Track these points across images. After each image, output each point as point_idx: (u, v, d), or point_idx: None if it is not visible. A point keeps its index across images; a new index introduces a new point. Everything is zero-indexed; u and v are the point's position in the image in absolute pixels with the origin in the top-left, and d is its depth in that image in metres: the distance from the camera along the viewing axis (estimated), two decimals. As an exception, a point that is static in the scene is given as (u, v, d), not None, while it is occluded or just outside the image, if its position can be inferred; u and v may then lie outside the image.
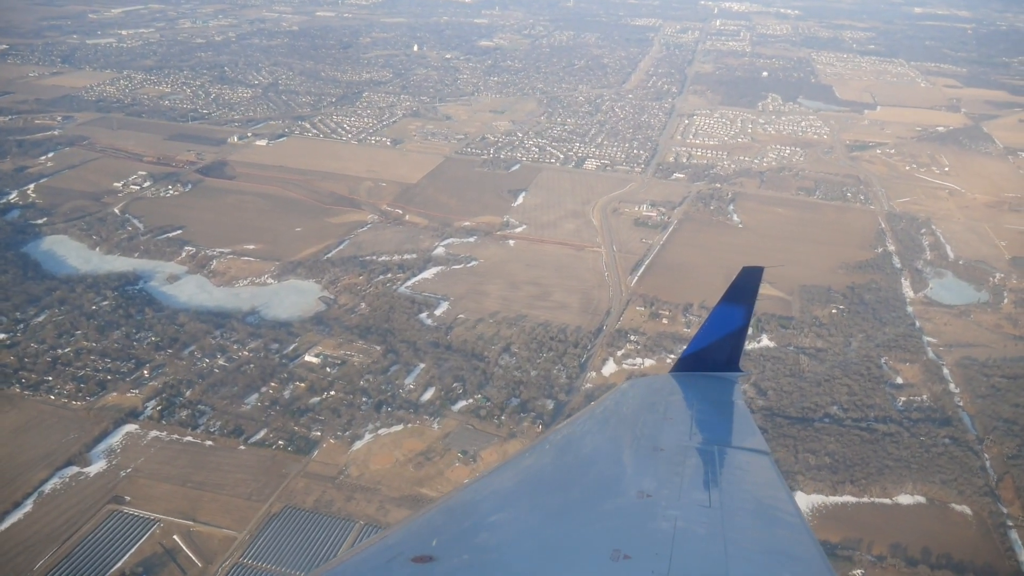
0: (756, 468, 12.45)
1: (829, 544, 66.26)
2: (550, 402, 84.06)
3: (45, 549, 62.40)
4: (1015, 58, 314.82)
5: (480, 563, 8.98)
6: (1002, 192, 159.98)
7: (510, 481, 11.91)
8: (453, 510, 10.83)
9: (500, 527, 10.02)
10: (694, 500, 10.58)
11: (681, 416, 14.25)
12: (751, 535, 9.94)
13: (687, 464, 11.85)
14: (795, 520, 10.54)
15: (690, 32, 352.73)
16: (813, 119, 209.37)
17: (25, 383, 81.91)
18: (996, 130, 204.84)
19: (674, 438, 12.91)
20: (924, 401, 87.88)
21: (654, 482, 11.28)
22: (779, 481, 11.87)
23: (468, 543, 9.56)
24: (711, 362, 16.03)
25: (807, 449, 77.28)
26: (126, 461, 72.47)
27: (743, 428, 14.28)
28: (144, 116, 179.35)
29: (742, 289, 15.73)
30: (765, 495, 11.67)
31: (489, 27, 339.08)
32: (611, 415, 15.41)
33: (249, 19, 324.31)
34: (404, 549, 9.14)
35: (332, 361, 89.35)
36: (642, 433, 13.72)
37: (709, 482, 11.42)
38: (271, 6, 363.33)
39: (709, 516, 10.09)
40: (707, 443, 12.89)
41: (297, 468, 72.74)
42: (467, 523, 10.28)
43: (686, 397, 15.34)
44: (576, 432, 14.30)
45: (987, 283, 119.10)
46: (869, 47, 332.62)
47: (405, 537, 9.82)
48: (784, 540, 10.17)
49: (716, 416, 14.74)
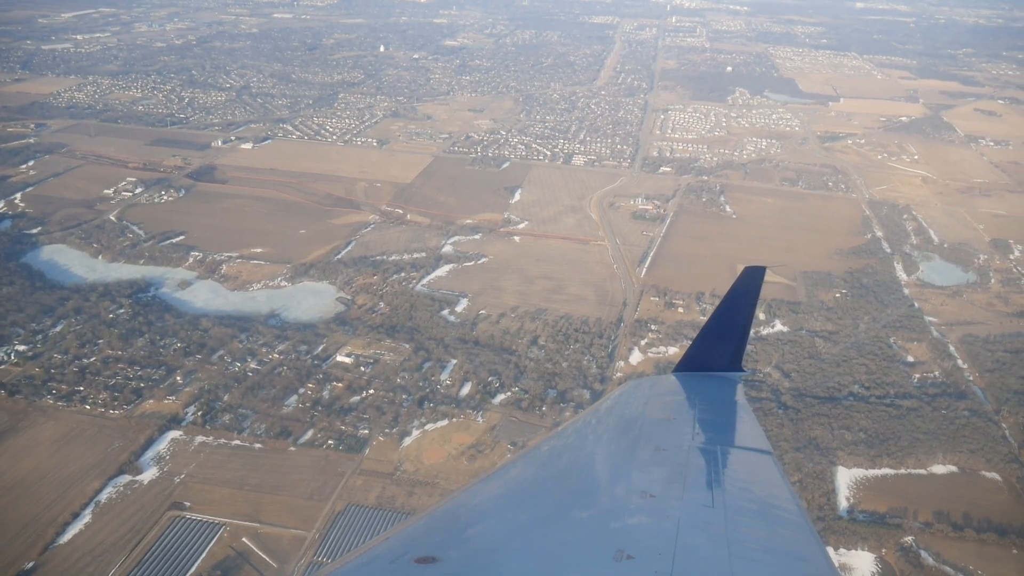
0: (759, 468, 12.41)
1: (877, 514, 69.39)
2: (586, 392, 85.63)
3: (114, 558, 61.67)
4: (959, 50, 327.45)
5: (483, 564, 8.95)
6: (971, 178, 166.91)
7: (513, 482, 11.92)
8: (456, 511, 10.81)
9: (503, 527, 9.98)
10: (697, 500, 10.49)
11: (684, 416, 14.26)
12: (754, 535, 9.85)
13: (690, 464, 11.82)
14: (798, 519, 10.49)
15: (648, 29, 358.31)
16: (782, 112, 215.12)
17: (56, 394, 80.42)
18: (955, 119, 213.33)
19: (677, 438, 12.92)
20: (937, 377, 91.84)
21: (657, 482, 11.24)
22: (782, 481, 11.84)
23: (471, 544, 9.57)
24: (714, 362, 16.10)
25: (841, 426, 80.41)
26: (178, 467, 71.81)
27: (746, 428, 14.38)
28: (120, 122, 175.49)
29: (744, 289, 15.77)
30: (768, 495, 11.55)
31: (450, 27, 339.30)
32: (614, 415, 15.24)
33: (206, 22, 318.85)
34: (407, 550, 9.11)
35: (364, 360, 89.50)
36: (645, 433, 13.64)
37: (712, 482, 11.34)
38: (225, 9, 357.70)
39: (712, 516, 10.04)
40: (710, 443, 12.89)
41: (352, 466, 72.96)
42: (470, 524, 10.28)
43: (689, 397, 15.36)
44: (579, 432, 14.37)
45: (973, 264, 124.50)
46: (821, 41, 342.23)
47: (408, 538, 9.77)
48: (787, 539, 10.11)
49: (719, 416, 14.69)
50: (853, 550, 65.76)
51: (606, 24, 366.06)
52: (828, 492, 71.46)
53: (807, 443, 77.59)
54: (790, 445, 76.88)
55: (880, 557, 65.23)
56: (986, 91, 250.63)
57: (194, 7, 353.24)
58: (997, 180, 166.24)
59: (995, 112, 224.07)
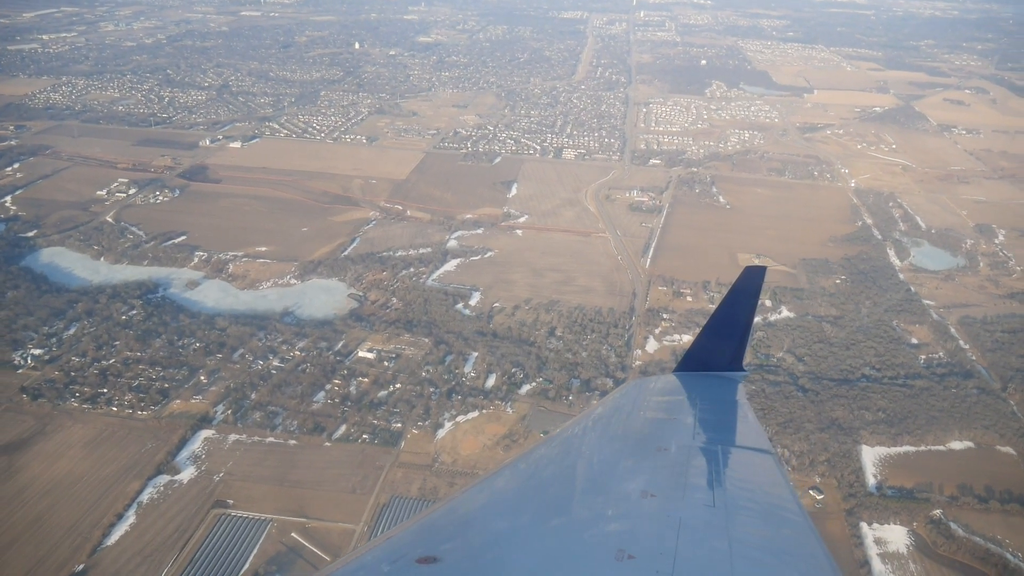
0: (760, 467, 12.39)
1: (905, 489, 71.80)
2: (609, 380, 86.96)
3: (164, 558, 61.43)
4: (921, 41, 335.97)
5: (484, 564, 8.96)
6: (948, 166, 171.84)
7: (514, 482, 11.93)
8: (457, 511, 10.81)
9: (504, 528, 9.96)
10: (698, 500, 10.49)
11: (685, 416, 14.23)
12: (755, 534, 9.90)
13: (691, 464, 11.81)
14: (799, 519, 10.46)
15: (618, 24, 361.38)
16: (760, 104, 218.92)
17: (80, 397, 79.45)
18: (926, 109, 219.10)
19: (678, 438, 12.91)
20: (942, 358, 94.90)
21: (658, 482, 11.23)
22: (783, 480, 11.82)
23: (472, 544, 9.55)
24: (715, 361, 15.97)
25: (860, 407, 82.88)
26: (215, 466, 71.57)
27: (747, 427, 14.19)
28: (102, 122, 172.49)
29: (745, 288, 15.69)
30: (769, 494, 11.56)
31: (422, 23, 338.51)
32: (615, 415, 15.20)
33: (174, 20, 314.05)
34: (408, 550, 9.10)
35: (386, 355, 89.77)
36: (646, 433, 13.65)
37: (713, 482, 11.34)
38: (191, 7, 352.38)
39: (713, 516, 10.03)
40: (711, 443, 12.83)
41: (389, 460, 73.37)
42: (471, 524, 10.27)
43: (689, 397, 15.26)
44: (580, 432, 14.33)
45: (961, 249, 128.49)
46: (788, 34, 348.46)
47: (409, 538, 9.77)
48: (788, 539, 10.12)
49: (720, 416, 14.54)
50: (886, 524, 68.01)
51: (576, 19, 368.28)
52: (856, 470, 73.68)
53: (830, 424, 79.83)
54: (814, 426, 79.02)
55: (912, 530, 67.58)
56: (952, 81, 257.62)
57: (159, 5, 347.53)
58: (973, 167, 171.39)
59: (963, 102, 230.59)
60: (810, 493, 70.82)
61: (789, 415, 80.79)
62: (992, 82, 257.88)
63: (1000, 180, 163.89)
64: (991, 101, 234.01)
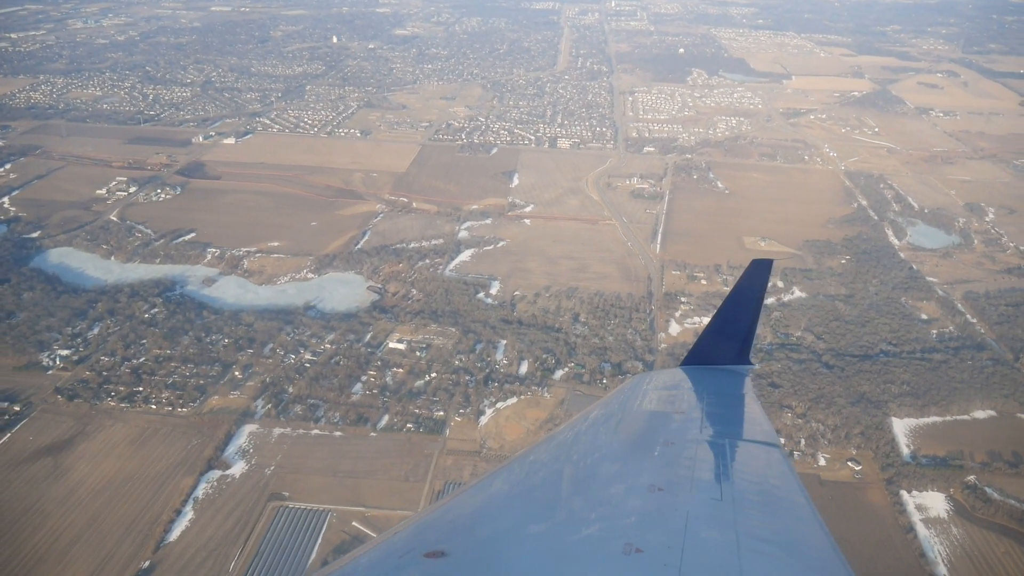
0: (767, 461, 12.44)
1: (938, 457, 74.44)
2: (639, 364, 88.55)
3: (229, 551, 61.67)
4: (887, 27, 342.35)
5: (491, 558, 8.99)
6: (931, 148, 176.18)
7: (521, 476, 11.97)
8: (465, 505, 10.85)
9: (511, 522, 10.00)
10: (705, 493, 10.54)
11: (692, 410, 14.23)
12: (763, 528, 9.86)
13: (698, 458, 11.83)
14: (807, 512, 10.48)
15: (590, 14, 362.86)
16: (742, 91, 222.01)
17: (116, 396, 78.90)
18: (902, 92, 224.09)
19: (685, 432, 12.93)
20: (952, 332, 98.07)
21: (665, 476, 11.24)
22: (790, 474, 11.82)
23: (480, 538, 9.60)
24: (721, 355, 15.95)
25: (884, 380, 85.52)
26: (265, 459, 71.74)
27: (754, 421, 14.23)
28: (89, 121, 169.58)
29: (752, 282, 15.71)
30: (776, 488, 11.56)
31: (395, 16, 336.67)
32: (622, 409, 15.18)
33: (143, 17, 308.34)
34: (416, 545, 9.15)
35: (417, 345, 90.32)
36: (653, 427, 13.66)
37: (720, 475, 11.42)
38: (159, 3, 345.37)
39: (720, 509, 10.07)
40: (718, 436, 12.87)
41: (437, 447, 74.13)
42: (479, 518, 10.31)
43: (696, 391, 15.25)
44: (587, 426, 14.33)
45: (954, 227, 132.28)
46: (758, 22, 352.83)
47: (417, 533, 9.83)
48: (796, 532, 10.11)
49: (727, 409, 14.59)
50: (924, 491, 70.57)
51: (549, 10, 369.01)
52: (890, 441, 76.15)
53: (859, 398, 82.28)
54: (845, 401, 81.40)
55: (950, 496, 70.20)
56: (923, 65, 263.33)
57: (125, 2, 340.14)
58: (955, 148, 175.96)
59: (937, 85, 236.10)
60: (848, 465, 73.05)
61: (819, 391, 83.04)
62: (961, 65, 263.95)
63: (982, 160, 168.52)
64: (963, 84, 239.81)
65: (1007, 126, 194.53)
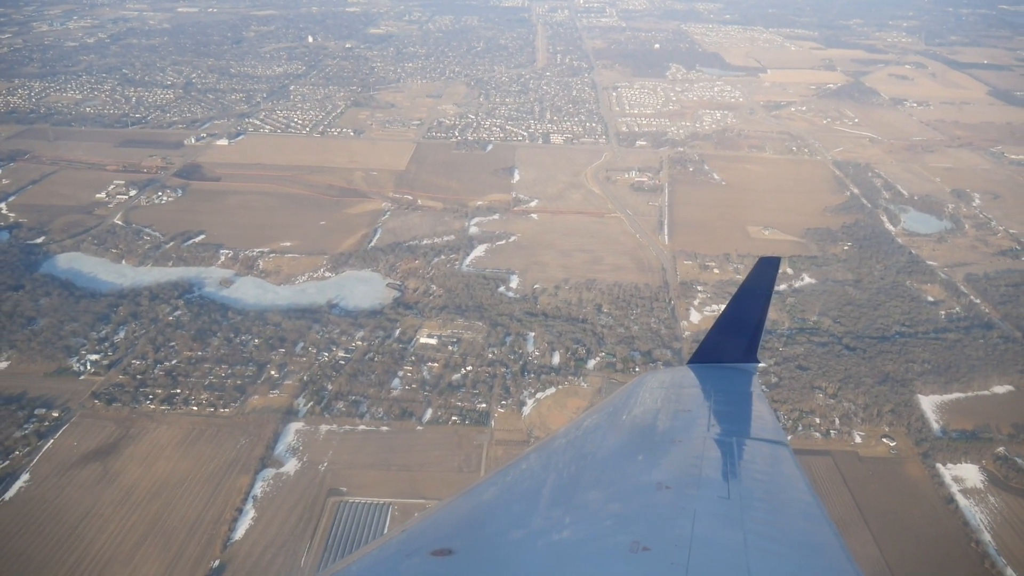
0: (775, 459, 12.43)
1: (967, 431, 77.44)
2: (667, 351, 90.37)
3: (297, 547, 61.97)
4: (850, 20, 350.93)
5: (498, 556, 8.99)
6: (910, 137, 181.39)
7: (528, 474, 12.00)
8: (472, 503, 10.86)
9: (518, 520, 9.94)
10: (713, 492, 10.51)
11: (699, 408, 14.29)
12: (770, 526, 9.88)
13: (705, 456, 11.82)
14: (815, 511, 10.45)
15: (560, 11, 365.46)
16: (721, 85, 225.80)
17: (155, 399, 78.29)
18: (875, 84, 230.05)
19: (692, 430, 12.95)
20: (960, 312, 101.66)
21: (672, 474, 11.26)
22: (798, 472, 11.77)
23: (486, 536, 9.60)
24: (729, 353, 15.98)
25: (905, 360, 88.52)
26: (316, 456, 71.92)
27: (761, 419, 14.26)
28: (74, 125, 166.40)
29: (759, 280, 15.76)
30: (784, 486, 11.54)
31: (366, 15, 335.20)
32: (629, 407, 15.15)
33: (110, 19, 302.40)
34: (424, 543, 9.14)
35: (447, 340, 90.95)
36: (660, 425, 13.67)
37: (728, 474, 11.39)
38: (123, 4, 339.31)
39: (728, 508, 10.05)
40: (725, 435, 12.88)
41: (485, 438, 75.01)
42: (486, 516, 10.32)
43: (704, 389, 15.33)
44: (594, 424, 14.35)
45: (944, 213, 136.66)
46: (725, 17, 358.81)
47: (424, 531, 9.82)
48: (803, 531, 10.11)
49: (734, 407, 14.59)
50: (959, 464, 73.38)
51: (518, 7, 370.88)
52: (920, 417, 78.96)
53: (884, 377, 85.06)
54: (872, 381, 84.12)
55: (982, 467, 73.12)
56: (891, 57, 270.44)
57: (89, 4, 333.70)
58: (933, 137, 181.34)
59: (907, 76, 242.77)
60: (884, 441, 75.64)
61: (846, 372, 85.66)
62: (926, 57, 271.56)
63: (960, 148, 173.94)
64: (931, 75, 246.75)
65: (979, 115, 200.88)
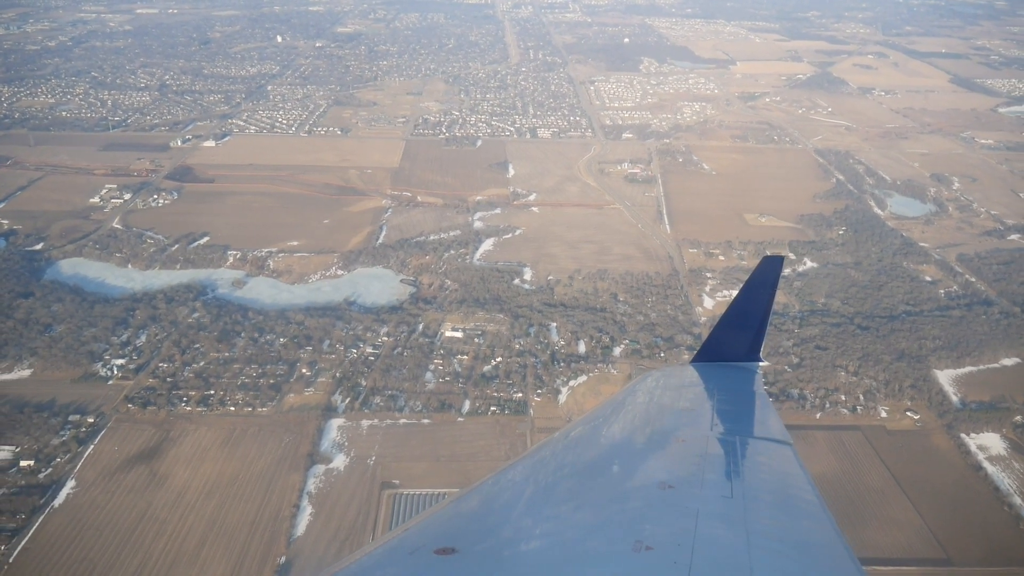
0: (778, 458, 12.35)
1: (985, 402, 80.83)
2: (688, 336, 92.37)
3: (361, 539, 62.21)
4: (807, 12, 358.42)
5: (502, 555, 8.97)
6: (883, 124, 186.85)
7: (531, 473, 11.94)
8: (475, 502, 10.83)
9: (521, 519, 10.00)
10: (716, 491, 10.46)
11: (702, 407, 14.23)
12: (773, 526, 9.85)
13: (709, 455, 11.78)
14: (818, 510, 10.41)
15: (525, 7, 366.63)
16: (695, 77, 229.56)
17: (189, 401, 77.71)
18: (843, 74, 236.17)
19: (695, 429, 12.88)
20: (958, 291, 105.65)
21: (675, 473, 11.20)
22: (801, 471, 11.70)
23: (490, 534, 9.58)
24: (732, 352, 15.92)
25: (918, 337, 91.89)
26: (363, 451, 72.21)
27: (765, 418, 14.24)
28: (52, 130, 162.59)
29: (763, 278, 15.73)
30: (787, 485, 11.51)
31: (330, 14, 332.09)
32: (632, 406, 15.18)
33: (68, 22, 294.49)
34: (427, 541, 9.10)
35: (472, 332, 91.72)
36: (663, 424, 13.65)
37: (731, 473, 11.38)
38: (79, 6, 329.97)
39: (731, 507, 10.00)
40: (728, 434, 12.82)
41: (526, 427, 76.06)
42: (489, 515, 10.29)
43: (707, 387, 15.25)
44: (597, 423, 14.29)
45: (927, 197, 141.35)
46: (687, 11, 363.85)
47: (428, 529, 9.78)
48: (807, 530, 10.07)
49: (737, 406, 14.53)
50: (981, 433, 76.63)
51: (482, 3, 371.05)
52: (939, 391, 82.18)
53: (900, 354, 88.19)
54: (890, 358, 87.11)
55: (1004, 435, 76.49)
56: (853, 48, 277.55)
57: (43, 7, 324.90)
58: (905, 124, 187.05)
59: (871, 66, 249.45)
60: (908, 415, 78.59)
61: (863, 350, 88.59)
62: (886, 47, 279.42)
63: (932, 134, 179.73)
64: (893, 64, 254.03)
65: (944, 102, 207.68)
